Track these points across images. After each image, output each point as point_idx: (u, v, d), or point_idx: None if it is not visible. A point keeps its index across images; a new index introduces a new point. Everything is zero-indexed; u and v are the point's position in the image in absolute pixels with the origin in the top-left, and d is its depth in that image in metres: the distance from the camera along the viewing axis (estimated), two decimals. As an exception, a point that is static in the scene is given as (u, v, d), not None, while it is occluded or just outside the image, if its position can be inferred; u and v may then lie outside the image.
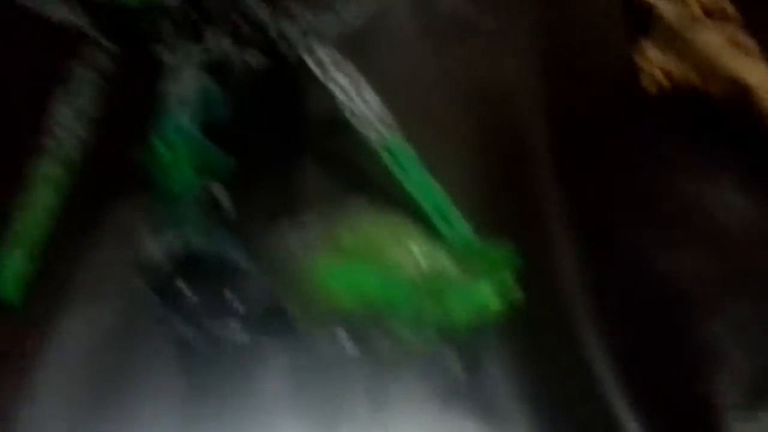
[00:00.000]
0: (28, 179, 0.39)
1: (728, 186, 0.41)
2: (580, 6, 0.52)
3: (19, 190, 0.39)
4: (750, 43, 0.43)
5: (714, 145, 0.43)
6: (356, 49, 0.40)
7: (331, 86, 0.38)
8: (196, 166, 0.32)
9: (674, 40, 0.45)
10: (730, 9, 0.44)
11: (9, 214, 0.39)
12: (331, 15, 0.39)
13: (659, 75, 0.44)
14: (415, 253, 0.29)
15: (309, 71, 0.38)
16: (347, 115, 0.38)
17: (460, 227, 0.36)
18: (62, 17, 0.37)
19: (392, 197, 0.36)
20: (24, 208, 0.39)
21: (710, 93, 0.43)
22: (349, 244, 0.30)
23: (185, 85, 0.34)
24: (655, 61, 0.44)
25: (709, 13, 0.44)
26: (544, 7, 0.52)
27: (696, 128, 0.43)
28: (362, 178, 0.38)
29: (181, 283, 0.30)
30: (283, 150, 0.39)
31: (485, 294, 0.29)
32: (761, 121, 0.41)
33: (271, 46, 0.38)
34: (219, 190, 0.32)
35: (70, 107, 0.38)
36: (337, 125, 0.38)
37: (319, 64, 0.38)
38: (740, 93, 0.42)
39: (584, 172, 0.43)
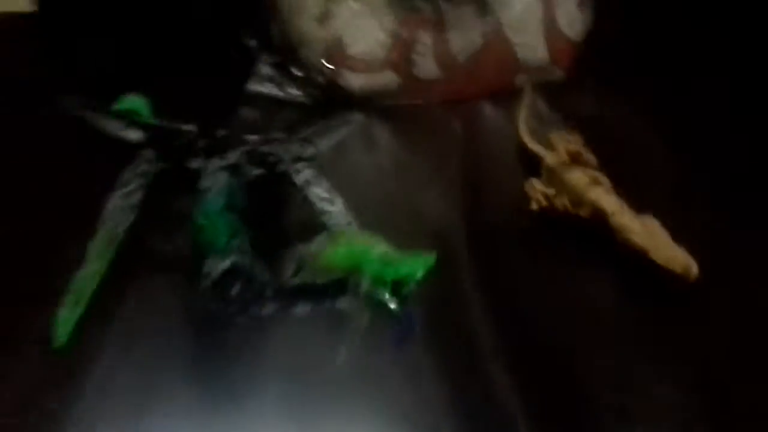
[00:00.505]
0: (86, 253, 0.53)
1: (590, 274, 0.58)
2: (489, 150, 0.71)
3: (78, 262, 0.53)
4: (604, 180, 0.61)
5: (581, 249, 0.59)
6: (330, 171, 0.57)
7: (311, 195, 0.54)
8: (228, 231, 0.48)
9: (554, 178, 0.63)
10: (589, 156, 0.62)
11: (69, 279, 0.52)
12: (310, 146, 0.56)
13: (542, 200, 0.61)
14: (376, 244, 0.46)
15: (295, 184, 0.55)
16: (322, 216, 0.54)
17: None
18: (117, 133, 0.52)
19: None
20: (79, 276, 0.52)
21: (579, 214, 0.61)
22: (341, 241, 0.47)
23: (217, 183, 0.50)
24: (539, 191, 0.62)
25: (574, 159, 0.63)
26: (462, 151, 0.71)
27: (569, 238, 0.60)
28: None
29: (229, 283, 0.45)
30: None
31: (416, 268, 0.46)
32: (612, 233, 0.59)
33: (271, 164, 0.54)
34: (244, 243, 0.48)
35: (122, 201, 0.53)
36: (314, 222, 0.54)
37: (304, 180, 0.55)
38: (598, 215, 0.59)
39: (492, 265, 0.59)
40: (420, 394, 0.50)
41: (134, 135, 0.53)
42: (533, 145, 0.68)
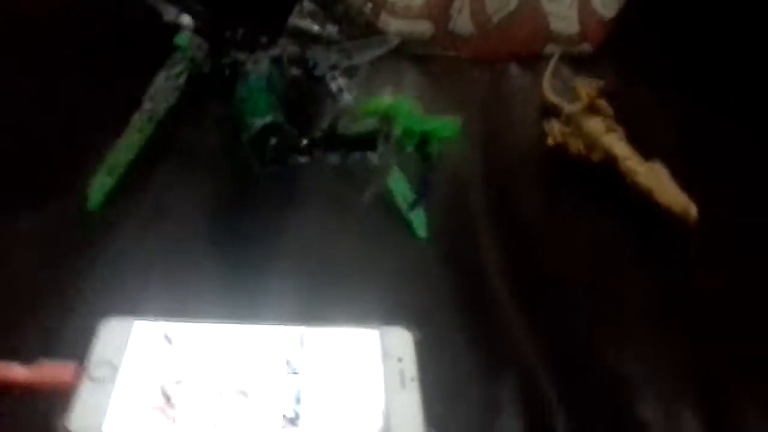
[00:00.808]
0: (126, 126, 0.56)
1: (596, 213, 0.61)
2: (512, 103, 0.75)
3: (117, 134, 0.57)
4: (619, 128, 0.64)
5: (590, 190, 0.62)
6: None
7: (342, 98, 0.58)
8: (267, 103, 0.53)
9: (571, 124, 0.66)
10: (605, 106, 0.66)
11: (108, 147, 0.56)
12: (347, 57, 0.60)
13: (557, 136, 0.64)
14: (408, 100, 0.50)
15: (327, 85, 0.59)
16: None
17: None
18: (171, 18, 0.57)
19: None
20: (117, 146, 0.56)
21: (591, 159, 0.64)
22: (375, 98, 0.51)
23: (260, 67, 0.55)
24: (557, 128, 0.65)
25: (592, 108, 0.66)
26: (486, 100, 0.74)
27: (580, 180, 0.63)
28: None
29: (269, 138, 0.49)
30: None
31: (443, 127, 0.50)
32: (622, 178, 0.62)
33: (309, 68, 0.58)
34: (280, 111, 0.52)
35: (166, 81, 0.57)
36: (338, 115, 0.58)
37: (337, 85, 0.59)
38: (610, 159, 0.63)
39: (505, 197, 0.63)
40: (423, 293, 0.53)
41: (187, 21, 0.58)
42: (554, 97, 0.71)
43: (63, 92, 0.63)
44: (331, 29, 0.78)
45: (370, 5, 0.78)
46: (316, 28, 0.78)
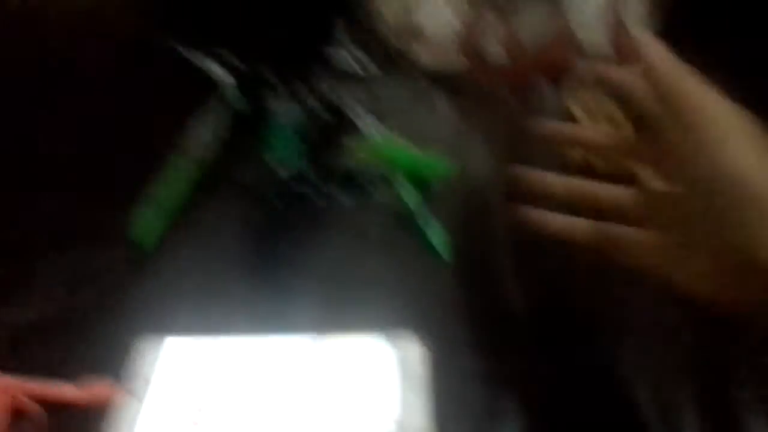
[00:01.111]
0: (168, 168, 0.62)
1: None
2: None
3: (160, 175, 0.62)
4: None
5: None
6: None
7: (369, 136, 0.63)
8: (293, 149, 0.59)
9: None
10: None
11: (152, 189, 0.62)
12: (372, 95, 0.65)
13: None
14: (409, 146, 0.58)
15: (354, 123, 0.64)
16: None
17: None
18: (211, 70, 0.63)
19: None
20: (161, 186, 0.62)
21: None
22: (378, 142, 0.57)
23: (288, 114, 0.61)
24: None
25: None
26: (516, 126, 0.77)
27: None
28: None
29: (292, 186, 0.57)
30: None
31: (440, 167, 0.57)
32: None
33: (337, 108, 0.64)
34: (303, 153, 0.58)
35: (205, 126, 0.63)
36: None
37: (363, 122, 0.63)
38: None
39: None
40: (437, 308, 0.56)
41: (223, 73, 0.64)
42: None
43: (64, 96, 0.69)
44: (369, 65, 0.83)
45: (404, 42, 0.82)
46: (355, 65, 0.83)
